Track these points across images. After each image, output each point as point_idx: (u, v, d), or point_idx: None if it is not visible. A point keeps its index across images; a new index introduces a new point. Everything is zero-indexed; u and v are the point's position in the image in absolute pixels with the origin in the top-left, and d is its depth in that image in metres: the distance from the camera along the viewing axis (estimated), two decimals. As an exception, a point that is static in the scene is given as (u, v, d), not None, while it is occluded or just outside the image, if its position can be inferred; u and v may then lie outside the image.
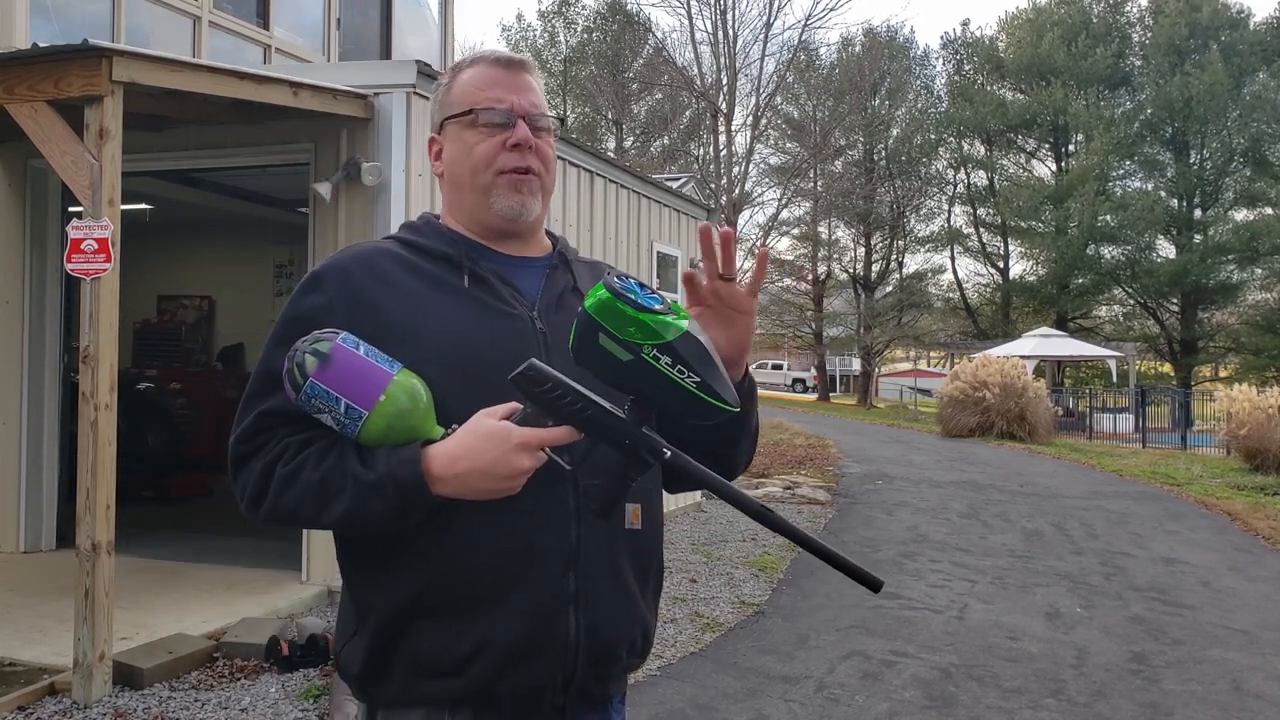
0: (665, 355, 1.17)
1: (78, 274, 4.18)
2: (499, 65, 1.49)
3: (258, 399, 1.38)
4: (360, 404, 1.25)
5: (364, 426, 1.26)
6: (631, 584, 1.41)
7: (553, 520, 1.33)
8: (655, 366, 1.17)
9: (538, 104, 1.49)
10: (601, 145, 30.49)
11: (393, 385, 1.26)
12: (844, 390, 44.63)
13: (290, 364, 1.27)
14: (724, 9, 18.91)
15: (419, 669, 1.33)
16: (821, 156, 26.90)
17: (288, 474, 1.31)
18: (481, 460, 1.23)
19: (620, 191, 8.70)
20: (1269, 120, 33.07)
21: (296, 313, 1.40)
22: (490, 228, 1.48)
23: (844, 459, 15.42)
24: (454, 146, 1.49)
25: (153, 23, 7.09)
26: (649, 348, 1.17)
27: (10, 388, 6.39)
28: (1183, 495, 12.46)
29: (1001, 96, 37.84)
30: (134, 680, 4.25)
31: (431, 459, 1.26)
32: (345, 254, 1.47)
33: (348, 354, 1.27)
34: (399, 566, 1.33)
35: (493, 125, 1.45)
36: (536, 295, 1.46)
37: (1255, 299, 35.56)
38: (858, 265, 36.49)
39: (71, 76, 4.15)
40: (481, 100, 1.46)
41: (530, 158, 1.46)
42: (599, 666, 1.37)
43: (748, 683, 4.77)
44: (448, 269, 1.44)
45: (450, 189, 1.51)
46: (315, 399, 1.26)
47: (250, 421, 1.36)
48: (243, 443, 1.37)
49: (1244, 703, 4.69)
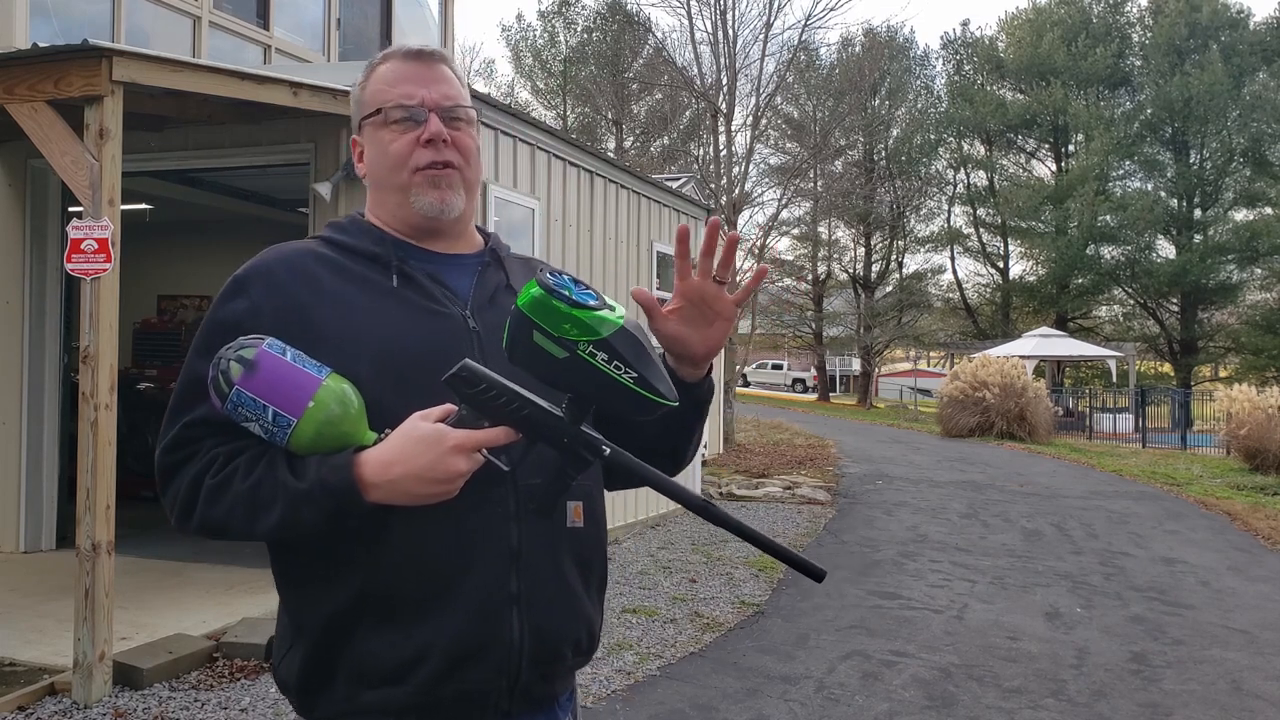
0: (601, 351, 1.15)
1: (78, 274, 4.18)
2: (409, 59, 1.45)
3: (183, 409, 1.34)
4: (289, 411, 1.22)
5: (293, 434, 1.23)
6: (575, 582, 1.39)
7: (492, 521, 1.30)
8: (591, 363, 1.15)
9: (451, 95, 1.44)
10: (601, 145, 30.48)
11: (321, 391, 1.23)
12: (844, 390, 44.62)
13: (215, 372, 1.23)
14: (724, 9, 18.88)
15: (361, 677, 1.30)
16: (821, 156, 26.87)
17: (216, 485, 1.28)
18: (416, 465, 1.20)
19: (620, 191, 8.70)
20: (1269, 120, 33.06)
21: (220, 318, 1.36)
22: (415, 226, 1.44)
23: (844, 459, 15.42)
24: (371, 147, 1.45)
25: (153, 23, 7.09)
26: (585, 344, 1.15)
27: (10, 388, 6.39)
28: (1182, 495, 12.47)
29: (1001, 96, 37.83)
30: (134, 680, 4.25)
31: (364, 465, 1.22)
32: (269, 255, 1.42)
33: (274, 360, 1.23)
34: (335, 574, 1.30)
35: (404, 122, 1.41)
36: (468, 294, 1.42)
37: (1255, 299, 35.54)
38: (858, 265, 36.48)
39: (71, 76, 4.16)
40: (391, 98, 1.42)
41: (447, 151, 1.42)
42: (544, 666, 1.35)
43: (747, 683, 4.77)
44: (375, 269, 1.40)
45: (373, 190, 1.47)
46: (242, 407, 1.22)
47: (176, 432, 1.33)
48: (169, 453, 1.33)
49: (1244, 703, 4.70)
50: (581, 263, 7.97)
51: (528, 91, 35.00)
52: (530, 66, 35.10)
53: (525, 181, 7.17)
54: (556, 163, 7.62)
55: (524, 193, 7.12)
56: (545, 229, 7.40)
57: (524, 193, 7.12)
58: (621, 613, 5.95)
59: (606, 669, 4.88)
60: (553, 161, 7.56)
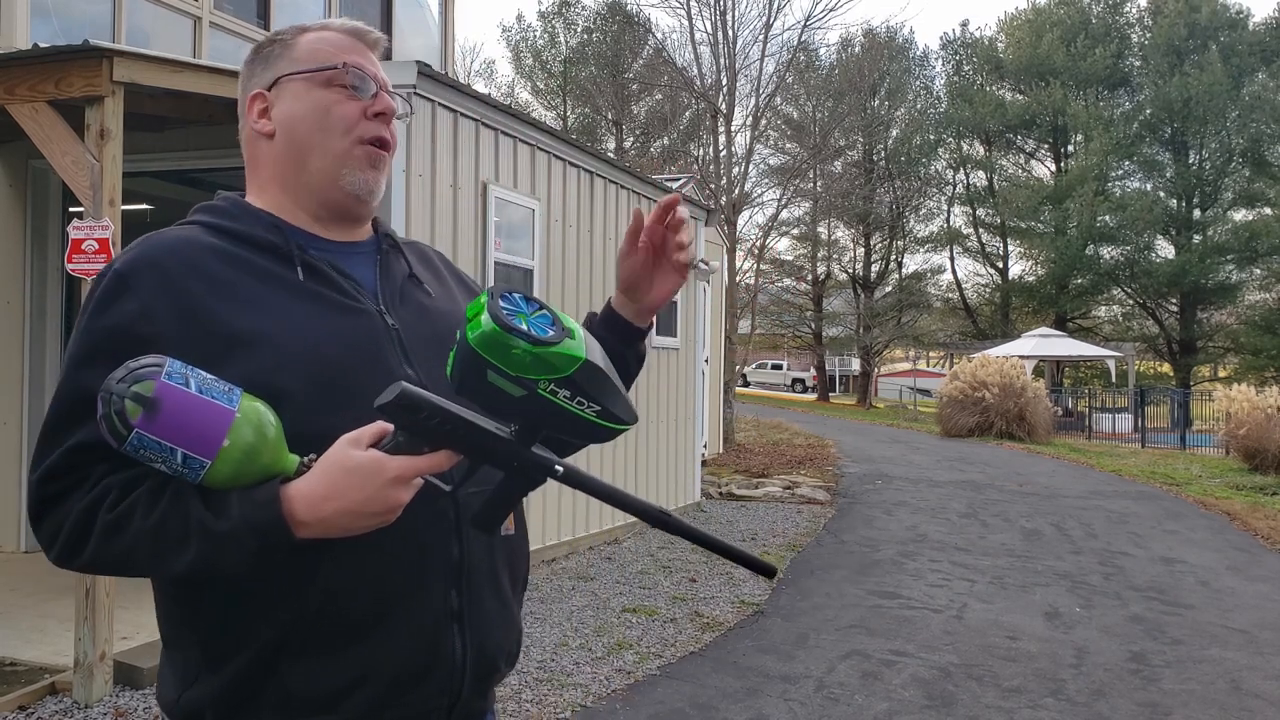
0: (564, 389, 1.05)
1: (79, 274, 4.19)
2: (353, 36, 1.33)
3: (64, 430, 1.14)
4: (200, 453, 1.06)
5: (207, 475, 1.08)
6: (507, 591, 1.32)
7: (433, 536, 1.21)
8: (552, 400, 1.05)
9: (388, 83, 1.34)
10: (601, 146, 30.49)
11: (236, 425, 1.07)
12: (843, 390, 44.63)
13: (108, 411, 1.05)
14: (724, 9, 18.88)
15: (290, 707, 1.17)
16: (821, 157, 26.89)
17: (112, 521, 1.10)
18: (351, 500, 1.07)
19: (620, 192, 8.70)
20: (1268, 120, 33.08)
21: (107, 325, 1.16)
22: (329, 205, 1.30)
23: (843, 459, 15.43)
24: (300, 104, 1.28)
25: (153, 23, 7.09)
26: (545, 382, 1.05)
27: (10, 388, 6.40)
28: (1182, 495, 12.48)
29: (1001, 97, 37.86)
30: (135, 680, 4.26)
31: (293, 501, 1.09)
32: (149, 245, 1.22)
33: (177, 394, 1.05)
34: (262, 599, 1.16)
35: (354, 88, 1.28)
36: (374, 286, 1.30)
37: (1254, 299, 35.59)
38: (857, 265, 36.51)
39: (72, 77, 4.16)
40: (342, 60, 1.29)
41: (388, 131, 1.31)
42: (482, 682, 1.29)
43: (747, 682, 4.77)
44: (274, 260, 1.24)
45: (285, 153, 1.29)
46: (145, 450, 1.06)
47: (58, 459, 1.13)
48: (48, 482, 1.14)
49: (1243, 702, 4.70)
50: (581, 263, 7.98)
51: (528, 92, 35.06)
52: (530, 67, 35.13)
53: (525, 182, 7.18)
54: (556, 163, 7.62)
55: (524, 193, 7.13)
56: (545, 229, 7.41)
57: (524, 193, 7.13)
58: (621, 612, 5.95)
59: (606, 668, 4.88)
60: (553, 162, 7.57)
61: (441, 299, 1.39)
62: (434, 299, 1.37)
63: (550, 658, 5.00)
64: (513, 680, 4.61)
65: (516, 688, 4.53)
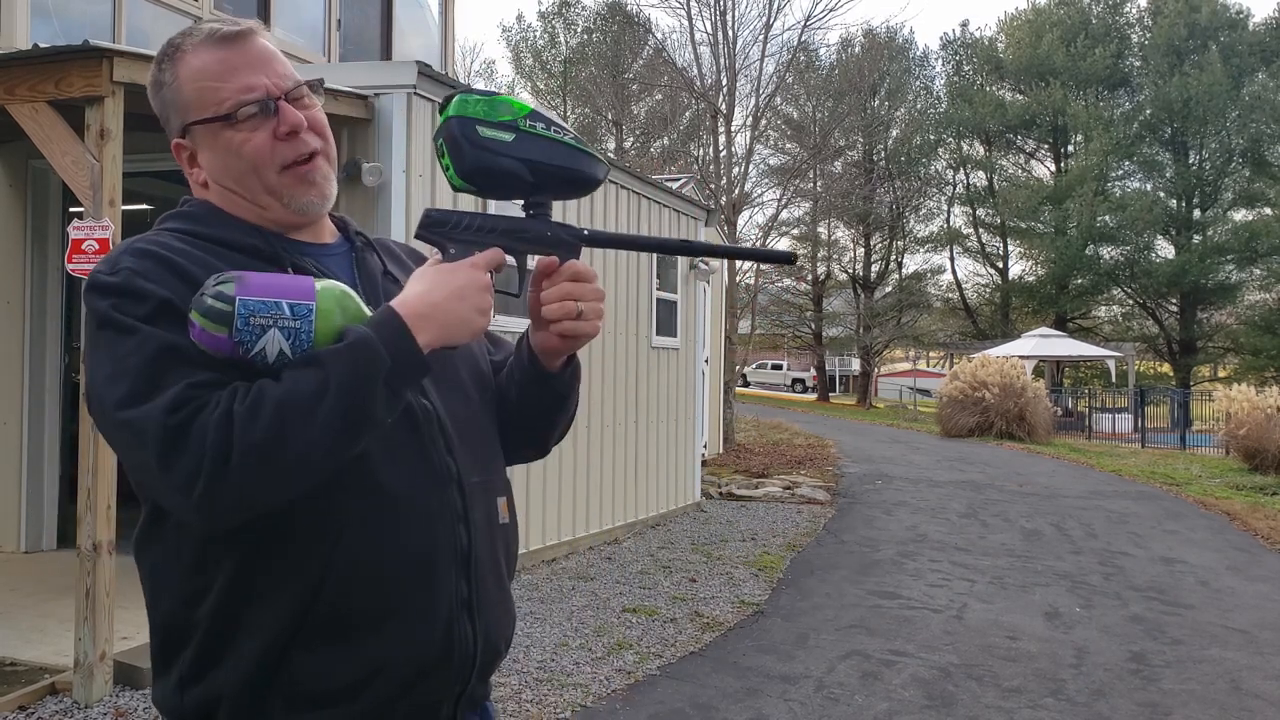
0: (538, 122, 1.23)
1: (79, 274, 4.19)
2: (224, 44, 1.25)
3: (175, 374, 1.09)
4: (302, 297, 1.10)
5: (317, 318, 1.10)
6: (505, 578, 1.35)
7: (442, 523, 1.23)
8: (535, 133, 1.23)
9: (286, 73, 1.27)
10: (601, 146, 30.49)
11: (320, 285, 1.13)
12: (843, 390, 44.63)
13: (206, 306, 1.07)
14: (724, 10, 18.87)
15: (302, 700, 1.16)
16: (821, 157, 26.88)
17: (249, 407, 1.06)
18: (453, 285, 1.17)
19: (620, 192, 8.70)
20: (1268, 120, 33.09)
21: (132, 281, 1.14)
22: (286, 224, 1.29)
23: (843, 459, 15.43)
24: (215, 154, 1.25)
25: (153, 23, 7.09)
26: (523, 119, 1.22)
27: (11, 388, 6.39)
28: (1182, 495, 12.48)
29: (1001, 97, 37.87)
30: (135, 680, 4.25)
31: (403, 305, 1.14)
32: (128, 244, 1.21)
33: (257, 276, 1.11)
34: (272, 586, 1.15)
35: (253, 119, 1.23)
36: (354, 285, 1.29)
37: (1254, 299, 35.60)
38: (857, 265, 36.51)
39: (72, 77, 4.16)
40: (229, 94, 1.22)
41: (310, 139, 1.27)
42: (486, 669, 1.31)
43: (747, 682, 4.77)
44: (259, 263, 1.22)
45: (226, 195, 1.28)
46: (254, 314, 1.07)
47: (179, 391, 1.07)
48: (174, 411, 1.06)
49: (1243, 702, 4.70)
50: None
51: (528, 92, 35.05)
52: (530, 67, 35.17)
53: (525, 182, 7.17)
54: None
55: (524, 193, 7.12)
56: (545, 229, 7.40)
57: (524, 193, 7.12)
58: (621, 612, 5.95)
59: (606, 668, 4.88)
60: (553, 162, 7.56)
61: None
62: None
63: (550, 658, 5.00)
64: (513, 680, 4.61)
65: (516, 688, 4.53)
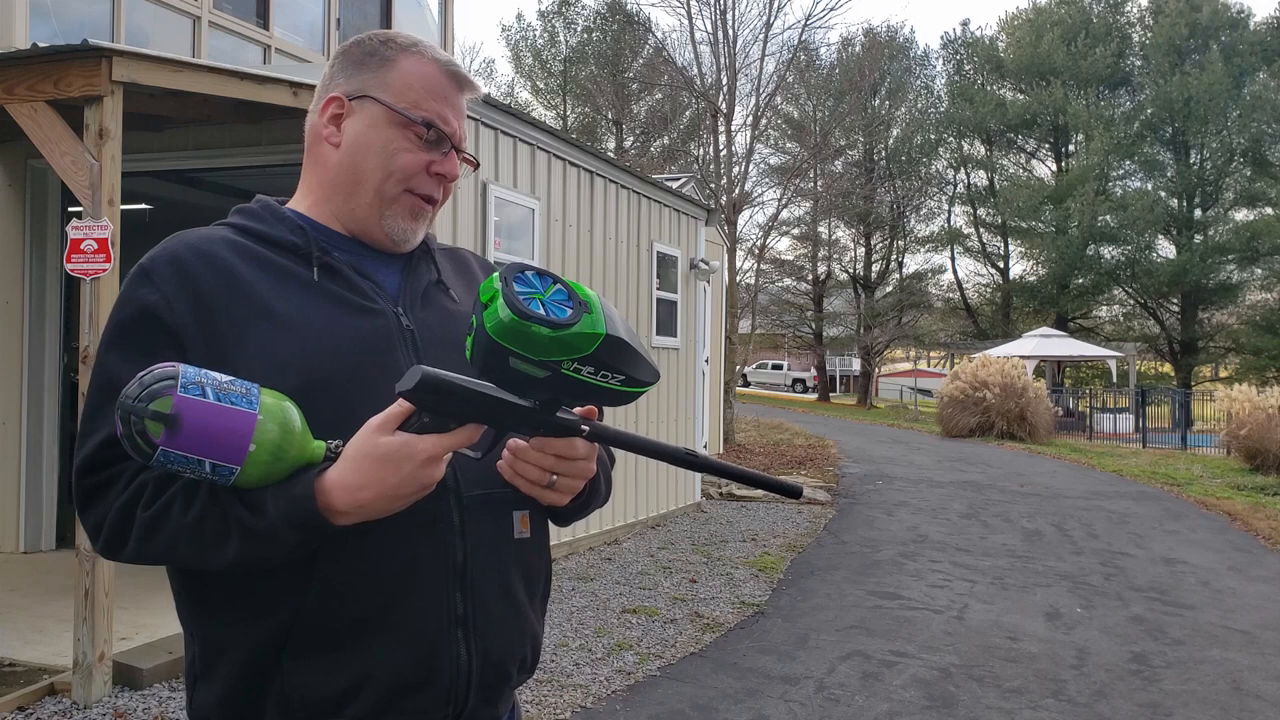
0: (587, 366, 1.07)
1: (78, 274, 4.18)
2: (451, 77, 1.32)
3: (99, 419, 1.15)
4: (228, 460, 1.05)
5: (239, 479, 1.08)
6: (521, 597, 1.29)
7: (436, 537, 1.20)
8: (576, 378, 1.07)
9: (464, 133, 1.35)
10: (601, 145, 30.50)
11: (260, 426, 1.06)
12: (844, 390, 44.61)
13: (129, 431, 1.04)
14: (724, 9, 18.86)
15: (291, 710, 1.18)
16: (821, 156, 26.88)
17: (149, 520, 1.12)
18: (388, 485, 1.09)
19: (620, 191, 8.70)
20: (1269, 120, 33.06)
21: (129, 313, 1.20)
22: (364, 236, 1.32)
23: (844, 459, 15.42)
24: (370, 134, 1.29)
25: (153, 23, 7.08)
26: (569, 362, 1.06)
27: (10, 388, 6.39)
28: (1183, 495, 12.47)
29: (1001, 96, 37.84)
30: (134, 680, 4.25)
31: (329, 492, 1.10)
32: (174, 241, 1.27)
33: (196, 407, 1.03)
34: (262, 598, 1.17)
35: (428, 142, 1.29)
36: (397, 289, 1.30)
37: (1255, 299, 35.55)
38: (858, 265, 36.49)
39: (71, 76, 4.15)
40: (428, 109, 1.29)
41: (444, 187, 1.33)
42: (490, 690, 1.27)
43: (748, 683, 4.77)
44: (294, 260, 1.26)
45: (341, 171, 1.31)
46: (172, 465, 1.05)
47: (92, 452, 1.15)
48: (87, 474, 1.16)
49: (1244, 703, 4.69)
50: (581, 263, 7.97)
51: (528, 91, 35.06)
52: (530, 66, 35.13)
53: (525, 181, 7.17)
54: (556, 163, 7.62)
55: (524, 193, 7.13)
56: (545, 229, 7.41)
57: (524, 193, 7.13)
58: (621, 613, 5.95)
59: (606, 669, 4.88)
60: (553, 161, 7.56)
61: (467, 304, 1.36)
62: (459, 304, 1.37)
63: (550, 658, 4.99)
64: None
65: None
